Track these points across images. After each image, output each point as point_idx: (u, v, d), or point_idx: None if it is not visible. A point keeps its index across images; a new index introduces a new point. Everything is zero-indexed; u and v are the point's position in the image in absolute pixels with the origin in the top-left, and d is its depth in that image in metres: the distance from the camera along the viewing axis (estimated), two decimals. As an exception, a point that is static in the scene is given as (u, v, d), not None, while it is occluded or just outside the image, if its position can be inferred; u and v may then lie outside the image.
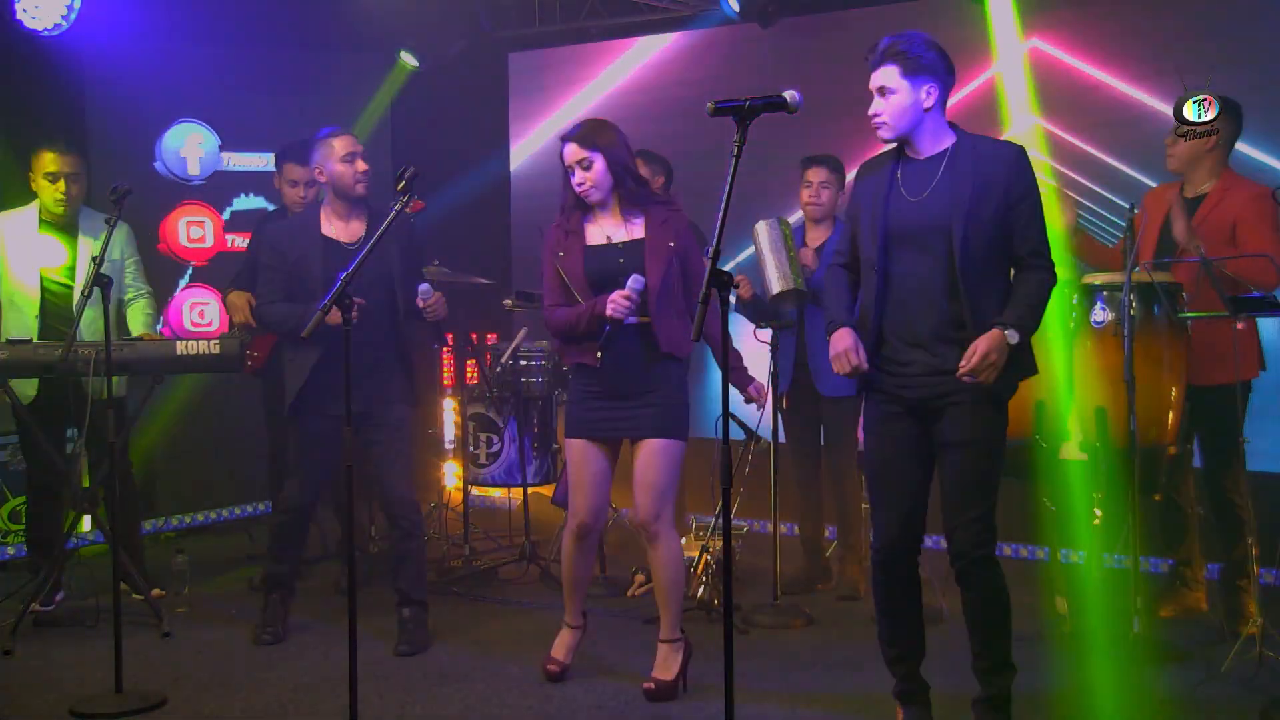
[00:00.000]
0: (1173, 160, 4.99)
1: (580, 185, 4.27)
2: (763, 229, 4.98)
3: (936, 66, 3.62)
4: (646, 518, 4.26)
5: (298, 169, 5.67)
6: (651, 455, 4.26)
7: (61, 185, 5.31)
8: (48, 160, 5.31)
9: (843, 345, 3.68)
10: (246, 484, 7.10)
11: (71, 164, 5.36)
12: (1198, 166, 4.92)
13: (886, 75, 3.62)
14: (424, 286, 4.71)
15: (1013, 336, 3.53)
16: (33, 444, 5.31)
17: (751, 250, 5.16)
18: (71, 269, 5.36)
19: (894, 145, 3.74)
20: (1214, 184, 4.89)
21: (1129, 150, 6.15)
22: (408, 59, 7.62)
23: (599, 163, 4.25)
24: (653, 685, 4.25)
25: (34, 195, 5.42)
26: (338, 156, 4.78)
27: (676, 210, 4.39)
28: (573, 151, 4.27)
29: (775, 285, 4.94)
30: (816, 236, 5.50)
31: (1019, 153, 3.64)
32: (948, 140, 3.67)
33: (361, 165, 4.81)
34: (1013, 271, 3.70)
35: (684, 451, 4.33)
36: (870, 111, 3.68)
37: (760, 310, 5.32)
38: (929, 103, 3.62)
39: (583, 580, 4.50)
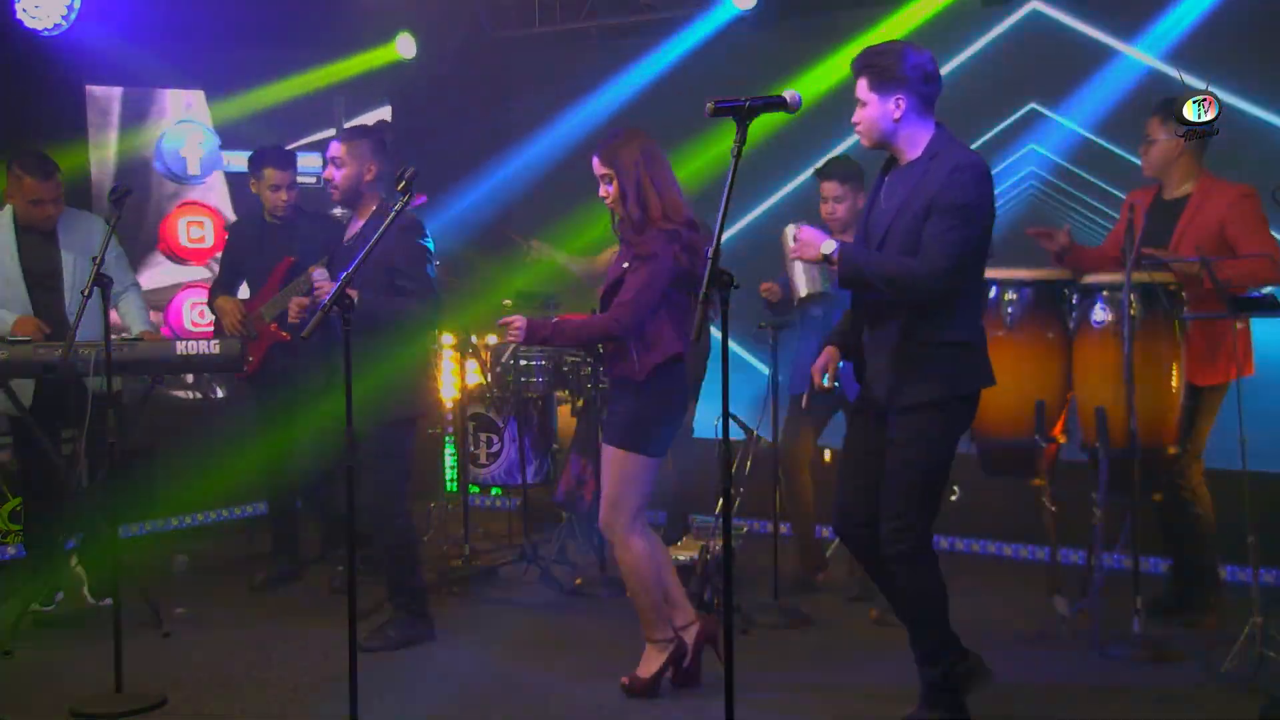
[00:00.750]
0: (1147, 167, 5.00)
1: (605, 199, 4.24)
2: (791, 231, 5.01)
3: (908, 79, 3.68)
4: (601, 524, 4.27)
5: (277, 173, 5.66)
6: (605, 463, 4.25)
7: (50, 209, 5.25)
8: (29, 187, 5.20)
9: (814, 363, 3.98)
10: (246, 484, 7.10)
11: (53, 188, 5.25)
12: (1172, 170, 4.93)
13: (859, 87, 3.74)
14: (318, 272, 4.67)
15: (828, 246, 3.71)
16: (29, 445, 5.30)
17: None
18: (56, 270, 5.33)
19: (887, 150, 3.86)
20: (1193, 186, 4.89)
21: (1133, 135, 6.06)
22: (403, 47, 7.61)
23: (616, 181, 4.18)
24: (626, 680, 4.29)
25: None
26: None
27: (657, 232, 4.12)
28: (595, 165, 4.23)
29: (803, 289, 4.99)
30: None
31: (957, 165, 3.65)
32: (920, 150, 3.73)
33: (327, 173, 4.85)
34: None
35: (642, 465, 4.18)
36: (852, 119, 3.81)
37: (779, 309, 5.34)
38: (898, 114, 3.70)
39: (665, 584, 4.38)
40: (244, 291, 5.86)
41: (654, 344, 4.14)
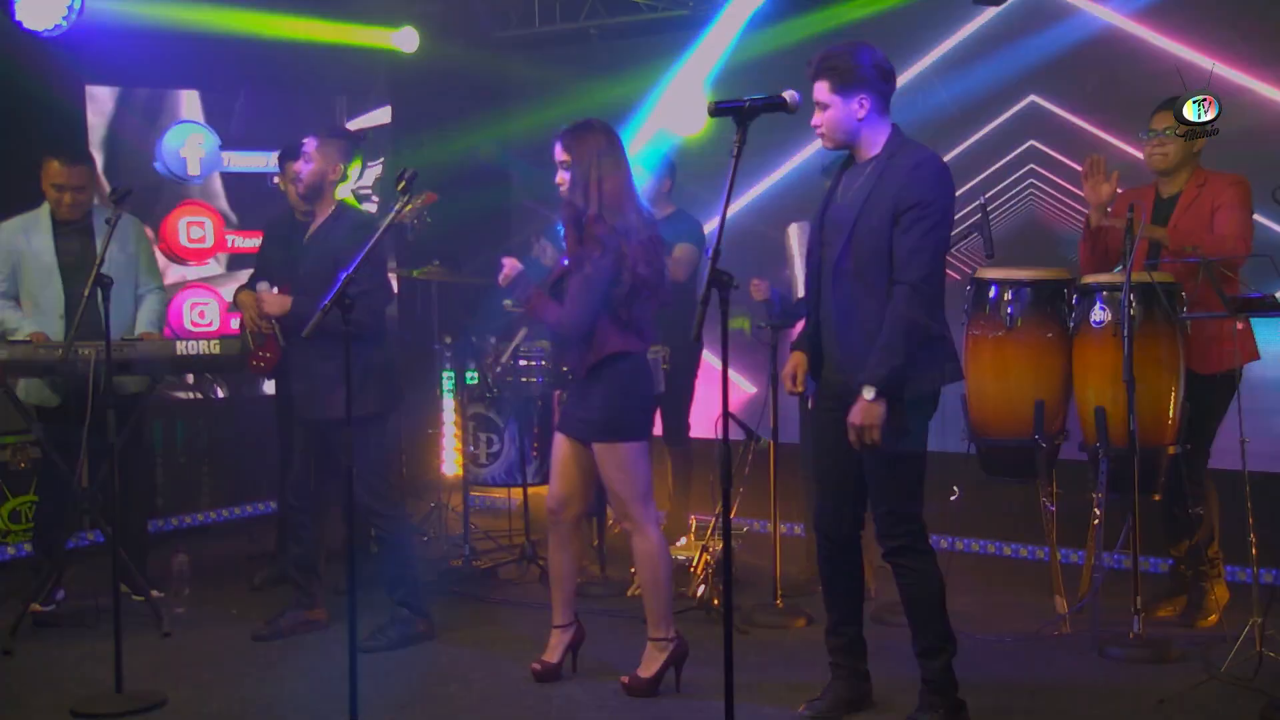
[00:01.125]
0: (1163, 159, 4.90)
1: (560, 185, 4.25)
2: (795, 231, 5.02)
3: (869, 77, 3.72)
4: (616, 517, 4.29)
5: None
6: (600, 461, 4.25)
7: (67, 196, 5.25)
8: (53, 171, 5.24)
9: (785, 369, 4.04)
10: (246, 484, 7.10)
11: (77, 175, 5.27)
12: (1184, 166, 4.91)
13: (820, 90, 3.76)
14: (262, 284, 4.82)
15: (868, 393, 3.62)
16: (46, 444, 5.30)
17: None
18: (90, 265, 5.33)
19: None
20: (1188, 181, 4.89)
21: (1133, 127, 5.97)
22: (405, 42, 7.60)
23: (571, 170, 4.19)
24: (626, 679, 4.29)
25: (43, 196, 5.40)
26: None
27: (588, 236, 4.15)
28: (557, 150, 4.25)
29: (801, 288, 4.98)
30: None
31: (918, 163, 3.69)
32: (879, 148, 3.77)
33: (296, 165, 4.92)
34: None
35: (623, 452, 4.20)
36: (812, 123, 3.82)
37: (778, 310, 5.33)
38: (862, 113, 3.73)
39: (562, 577, 4.44)
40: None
41: (593, 344, 4.19)
